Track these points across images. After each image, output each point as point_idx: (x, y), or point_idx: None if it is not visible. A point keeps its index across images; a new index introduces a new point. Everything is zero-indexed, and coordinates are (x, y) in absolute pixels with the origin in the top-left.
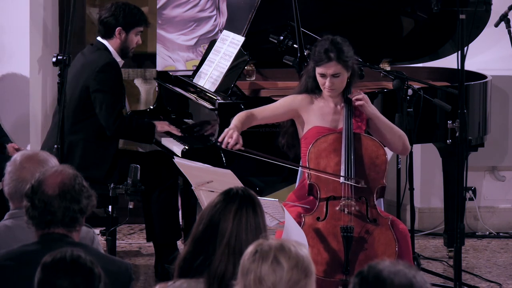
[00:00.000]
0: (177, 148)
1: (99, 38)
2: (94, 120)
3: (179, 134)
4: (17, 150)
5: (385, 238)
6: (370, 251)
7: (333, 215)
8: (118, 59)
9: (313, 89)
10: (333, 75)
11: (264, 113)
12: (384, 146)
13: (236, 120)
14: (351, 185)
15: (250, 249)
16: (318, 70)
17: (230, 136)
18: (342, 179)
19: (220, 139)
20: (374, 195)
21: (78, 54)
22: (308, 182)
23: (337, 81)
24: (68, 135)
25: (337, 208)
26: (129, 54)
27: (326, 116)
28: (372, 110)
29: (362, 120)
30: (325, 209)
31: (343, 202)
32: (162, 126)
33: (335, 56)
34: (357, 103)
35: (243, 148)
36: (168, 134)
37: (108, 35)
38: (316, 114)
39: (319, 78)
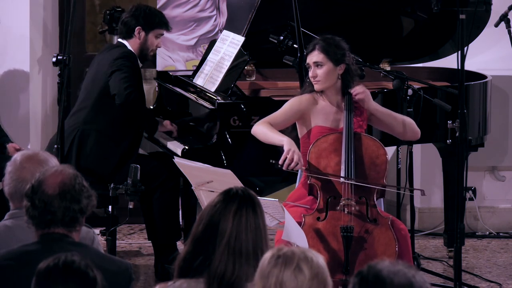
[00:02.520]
0: (177, 148)
1: (119, 39)
2: (110, 113)
3: (175, 135)
4: (18, 150)
5: (385, 238)
6: (370, 251)
7: (333, 215)
8: None
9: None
10: (316, 64)
11: (277, 119)
12: (385, 147)
13: (277, 132)
14: (351, 185)
15: (270, 253)
16: (307, 62)
17: (291, 158)
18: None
19: (280, 162)
20: (374, 195)
21: (95, 56)
22: (308, 182)
23: (320, 72)
24: (82, 124)
25: (337, 208)
26: (148, 57)
27: (328, 115)
28: (373, 105)
29: (363, 119)
30: (325, 209)
31: (343, 202)
32: (165, 125)
33: (319, 46)
34: (357, 97)
35: (303, 168)
36: (168, 133)
37: (128, 35)
38: (320, 114)
39: (309, 72)
